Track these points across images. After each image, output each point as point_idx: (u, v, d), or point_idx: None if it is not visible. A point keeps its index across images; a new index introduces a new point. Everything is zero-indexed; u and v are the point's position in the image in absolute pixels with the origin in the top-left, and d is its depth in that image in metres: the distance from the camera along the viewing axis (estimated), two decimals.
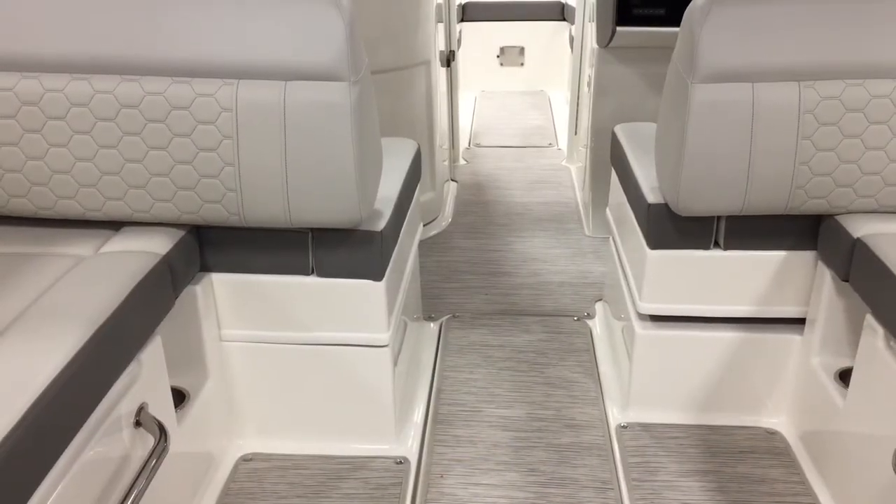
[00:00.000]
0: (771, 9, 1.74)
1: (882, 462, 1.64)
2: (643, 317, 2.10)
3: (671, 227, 1.96)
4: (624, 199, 2.28)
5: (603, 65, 3.05)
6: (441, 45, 3.52)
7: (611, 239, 2.54)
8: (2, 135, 1.65)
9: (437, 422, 2.17)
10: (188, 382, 1.87)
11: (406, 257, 2.21)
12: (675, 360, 2.10)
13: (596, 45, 3.06)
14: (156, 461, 1.42)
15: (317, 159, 1.65)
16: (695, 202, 1.85)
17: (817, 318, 1.94)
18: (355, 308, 1.89)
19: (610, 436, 2.12)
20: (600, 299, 2.81)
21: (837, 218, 1.85)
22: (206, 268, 1.86)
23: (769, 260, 1.97)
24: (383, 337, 1.93)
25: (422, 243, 3.17)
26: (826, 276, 1.90)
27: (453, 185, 3.89)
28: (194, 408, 1.82)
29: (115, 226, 1.76)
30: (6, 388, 1.18)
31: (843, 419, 1.82)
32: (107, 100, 1.62)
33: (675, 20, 2.25)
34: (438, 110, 3.36)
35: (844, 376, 1.87)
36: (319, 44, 1.60)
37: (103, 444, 1.37)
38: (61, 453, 1.24)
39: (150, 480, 1.40)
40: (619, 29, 2.82)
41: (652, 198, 1.98)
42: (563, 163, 4.20)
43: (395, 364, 2.03)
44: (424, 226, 3.27)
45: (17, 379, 1.20)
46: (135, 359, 1.51)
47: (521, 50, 5.60)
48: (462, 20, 5.40)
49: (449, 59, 3.72)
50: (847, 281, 1.80)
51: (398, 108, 3.04)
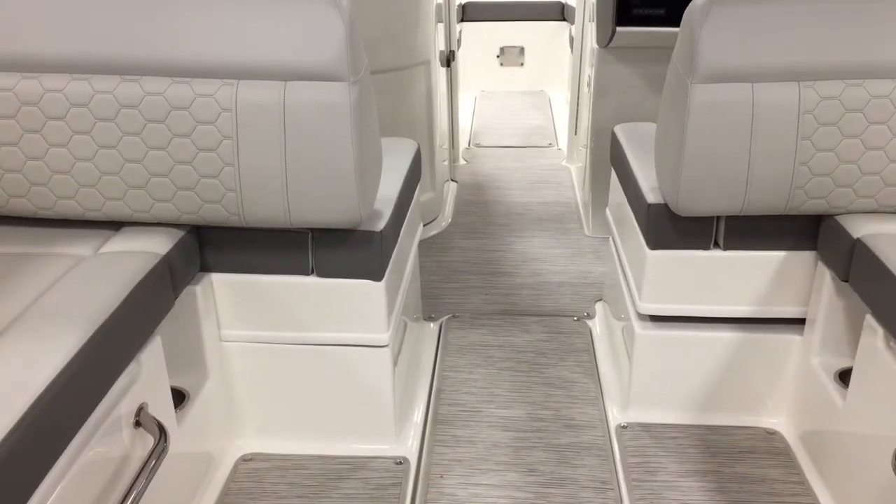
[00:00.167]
0: (771, 9, 1.74)
1: (882, 462, 1.64)
2: (643, 317, 2.10)
3: (671, 228, 1.96)
4: (624, 199, 2.28)
5: (603, 65, 3.05)
6: (441, 45, 3.52)
7: (611, 239, 2.54)
8: (2, 135, 1.65)
9: (437, 422, 2.17)
10: (188, 382, 1.87)
11: (406, 257, 2.21)
12: (674, 361, 2.10)
13: (596, 45, 3.06)
14: (155, 461, 1.42)
15: (317, 159, 1.65)
16: (694, 202, 1.85)
17: (817, 319, 1.94)
18: (355, 308, 1.89)
19: (610, 436, 2.12)
20: (600, 299, 2.81)
21: (837, 218, 1.85)
22: (206, 268, 1.86)
23: (769, 260, 1.97)
24: (383, 337, 1.93)
25: (422, 243, 3.17)
26: (826, 277, 1.90)
27: (453, 185, 3.89)
28: (194, 408, 1.82)
29: (114, 226, 1.76)
30: (6, 388, 1.18)
31: (842, 419, 1.82)
32: (106, 100, 1.62)
33: (675, 20, 2.25)
34: (438, 110, 3.36)
35: (844, 376, 1.87)
36: (319, 44, 1.60)
37: (103, 444, 1.37)
38: (61, 453, 1.24)
39: (150, 480, 1.40)
40: (619, 29, 2.82)
41: (652, 198, 1.98)
42: (563, 163, 4.20)
43: (395, 364, 2.03)
44: (424, 226, 3.27)
45: (16, 379, 1.20)
46: (134, 359, 1.51)
47: (521, 50, 5.60)
48: (462, 20, 5.40)
49: (449, 59, 3.72)
50: (847, 281, 1.80)
51: (398, 108, 3.04)
